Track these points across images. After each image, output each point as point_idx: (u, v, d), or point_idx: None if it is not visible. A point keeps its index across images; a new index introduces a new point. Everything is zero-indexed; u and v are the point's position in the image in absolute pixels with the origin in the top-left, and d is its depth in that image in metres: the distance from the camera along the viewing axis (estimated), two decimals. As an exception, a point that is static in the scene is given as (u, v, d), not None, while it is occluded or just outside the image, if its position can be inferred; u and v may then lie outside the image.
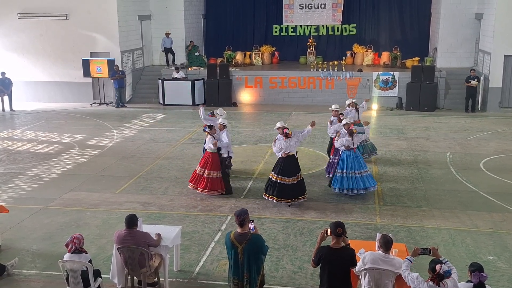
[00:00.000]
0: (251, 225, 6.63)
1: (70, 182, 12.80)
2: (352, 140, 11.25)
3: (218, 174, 11.58)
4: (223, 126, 11.67)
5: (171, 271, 8.28)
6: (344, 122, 11.62)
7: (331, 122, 12.89)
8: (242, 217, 6.48)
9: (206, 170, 11.54)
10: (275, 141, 11.21)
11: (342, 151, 11.55)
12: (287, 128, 10.97)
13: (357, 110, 13.72)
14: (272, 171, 11.20)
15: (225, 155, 11.75)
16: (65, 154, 15.20)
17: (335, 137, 11.76)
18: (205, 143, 11.75)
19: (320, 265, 6.44)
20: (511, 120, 19.08)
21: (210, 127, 11.50)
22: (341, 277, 6.37)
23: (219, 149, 11.60)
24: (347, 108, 13.74)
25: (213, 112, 12.60)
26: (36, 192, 12.17)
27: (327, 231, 6.39)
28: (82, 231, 9.26)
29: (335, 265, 6.33)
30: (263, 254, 6.67)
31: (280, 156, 11.04)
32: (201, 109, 12.93)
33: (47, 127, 18.58)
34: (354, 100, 14.04)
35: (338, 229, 6.33)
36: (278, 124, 11.32)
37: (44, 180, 12.98)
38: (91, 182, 12.80)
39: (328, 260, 6.33)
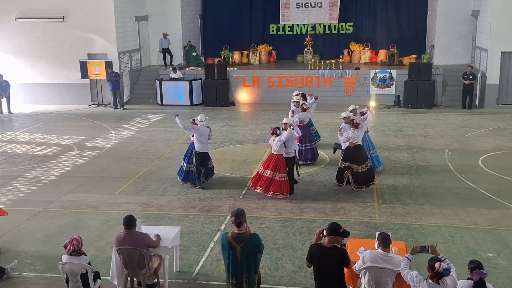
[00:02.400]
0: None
1: (69, 184, 12.79)
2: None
3: (285, 176, 11.48)
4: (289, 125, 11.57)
5: (170, 272, 8.28)
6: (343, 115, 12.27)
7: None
8: (240, 217, 6.41)
9: (276, 173, 11.35)
10: (340, 130, 12.01)
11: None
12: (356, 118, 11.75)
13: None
14: (342, 160, 11.74)
15: (293, 155, 11.67)
16: (64, 156, 15.19)
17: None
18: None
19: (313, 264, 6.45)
20: (508, 116, 19.09)
21: (277, 128, 11.46)
22: (331, 276, 6.28)
23: None
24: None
25: (193, 119, 12.12)
26: (34, 195, 12.16)
27: (323, 231, 6.35)
28: (81, 233, 9.26)
29: (324, 264, 6.26)
30: (260, 253, 6.64)
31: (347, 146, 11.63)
32: (177, 120, 12.07)
33: (45, 129, 18.56)
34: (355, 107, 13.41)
35: (333, 230, 6.26)
36: (344, 115, 12.16)
37: (42, 182, 12.98)
38: (90, 184, 12.80)
39: (317, 258, 6.30)
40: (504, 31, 19.76)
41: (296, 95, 14.79)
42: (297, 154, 11.88)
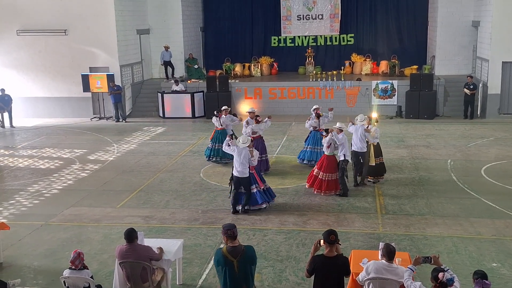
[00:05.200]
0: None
1: (71, 197, 12.77)
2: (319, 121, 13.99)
3: (334, 176, 12.25)
4: (340, 130, 12.23)
5: (173, 285, 8.25)
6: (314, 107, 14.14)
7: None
8: (235, 230, 6.39)
9: (322, 173, 12.27)
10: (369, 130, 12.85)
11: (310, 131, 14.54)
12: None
13: (318, 117, 14.52)
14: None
15: (342, 158, 12.24)
16: (66, 170, 15.19)
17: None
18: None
19: (314, 275, 6.43)
20: (510, 126, 19.07)
21: (326, 130, 12.32)
22: (335, 285, 6.36)
23: None
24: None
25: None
26: (37, 208, 12.14)
27: (320, 241, 6.41)
28: (83, 247, 9.26)
29: (329, 274, 6.32)
30: (255, 264, 6.55)
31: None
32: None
33: (48, 142, 18.59)
34: (316, 107, 14.83)
35: (331, 236, 6.32)
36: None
37: (45, 196, 12.96)
38: (92, 197, 12.78)
39: (322, 269, 6.33)
40: (505, 41, 19.81)
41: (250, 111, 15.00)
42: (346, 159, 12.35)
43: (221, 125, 15.18)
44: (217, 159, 15.12)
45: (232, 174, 11.43)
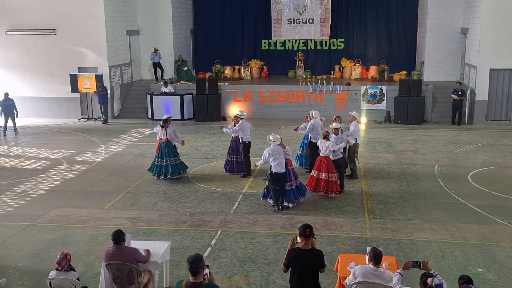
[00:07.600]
0: (206, 271, 5.93)
1: (58, 198, 12.67)
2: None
3: (334, 176, 12.30)
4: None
5: (160, 287, 8.21)
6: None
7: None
8: (195, 265, 5.76)
9: (323, 173, 12.24)
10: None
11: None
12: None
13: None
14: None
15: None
16: (53, 170, 15.07)
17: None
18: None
19: (290, 268, 6.55)
20: (497, 132, 19.25)
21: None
22: (310, 278, 6.50)
23: None
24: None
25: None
26: (23, 209, 12.03)
27: (296, 237, 6.58)
28: (69, 248, 9.19)
29: (305, 266, 6.47)
30: None
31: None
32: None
33: (35, 143, 18.44)
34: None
35: (307, 230, 6.50)
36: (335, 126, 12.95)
37: (31, 197, 12.85)
38: (79, 198, 12.69)
39: (297, 261, 6.47)
40: (493, 49, 20.00)
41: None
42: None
43: (167, 137, 14.06)
44: (167, 176, 13.83)
45: (271, 171, 11.45)
